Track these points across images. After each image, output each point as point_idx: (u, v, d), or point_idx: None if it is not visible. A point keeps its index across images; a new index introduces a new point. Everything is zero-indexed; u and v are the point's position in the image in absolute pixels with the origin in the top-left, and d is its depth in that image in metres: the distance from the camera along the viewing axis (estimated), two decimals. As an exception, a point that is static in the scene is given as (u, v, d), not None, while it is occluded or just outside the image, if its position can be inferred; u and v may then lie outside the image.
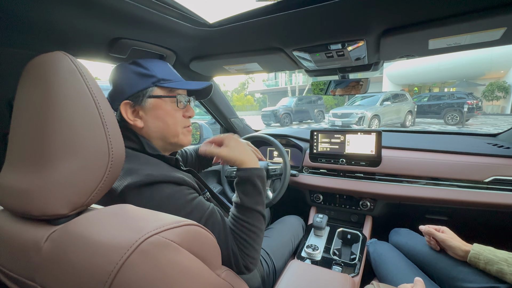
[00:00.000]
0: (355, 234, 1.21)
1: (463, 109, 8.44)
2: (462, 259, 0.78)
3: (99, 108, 0.39)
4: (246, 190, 0.62)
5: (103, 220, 0.35)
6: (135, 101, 0.61)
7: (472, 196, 1.06)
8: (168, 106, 0.64)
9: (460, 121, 8.71)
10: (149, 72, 0.62)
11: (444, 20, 0.61)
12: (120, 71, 0.64)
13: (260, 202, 0.63)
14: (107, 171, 0.39)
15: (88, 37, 0.67)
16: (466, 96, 8.83)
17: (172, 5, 0.63)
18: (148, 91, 0.61)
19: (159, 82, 0.62)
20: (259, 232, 0.61)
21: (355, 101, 9.26)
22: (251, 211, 0.61)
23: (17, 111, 0.40)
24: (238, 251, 0.57)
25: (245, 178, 0.63)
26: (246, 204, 0.61)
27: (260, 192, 0.63)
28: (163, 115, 0.63)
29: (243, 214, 0.60)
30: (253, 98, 28.99)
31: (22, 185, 0.37)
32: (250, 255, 0.58)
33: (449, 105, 9.07)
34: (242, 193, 0.62)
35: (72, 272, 0.31)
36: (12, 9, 0.50)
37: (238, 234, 0.58)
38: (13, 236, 0.39)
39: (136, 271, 0.29)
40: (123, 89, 0.62)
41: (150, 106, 0.62)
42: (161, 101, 0.63)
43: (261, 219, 0.62)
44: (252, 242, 0.58)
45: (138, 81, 0.61)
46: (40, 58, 0.39)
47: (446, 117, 9.06)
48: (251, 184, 0.63)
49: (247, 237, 0.58)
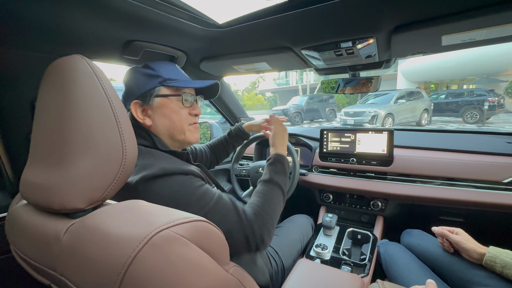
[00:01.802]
0: (366, 234, 1.19)
1: (484, 106, 8.06)
2: (477, 262, 0.75)
3: (113, 108, 0.41)
4: (277, 169, 0.74)
5: (117, 214, 0.37)
6: (144, 100, 0.65)
7: (489, 197, 1.02)
8: (174, 104, 0.67)
9: (480, 120, 8.32)
10: (156, 73, 0.66)
11: (457, 15, 0.59)
12: (131, 73, 0.69)
13: (285, 182, 0.74)
14: (121, 168, 0.41)
15: (103, 40, 0.71)
16: (487, 93, 8.42)
17: (182, 7, 0.65)
18: (155, 90, 0.65)
19: (165, 82, 0.66)
20: (278, 207, 0.68)
21: (368, 99, 9.05)
22: (277, 186, 0.70)
23: (38, 112, 0.43)
24: (255, 219, 0.60)
25: (278, 159, 0.77)
26: (275, 179, 0.71)
27: (286, 174, 0.76)
28: (169, 113, 0.67)
29: (270, 187, 0.69)
30: (263, 97, 28.92)
31: (43, 181, 0.40)
32: (266, 225, 0.62)
33: (468, 102, 8.67)
34: (273, 170, 0.74)
35: (89, 262, 0.33)
36: (36, 17, 0.53)
37: (260, 203, 0.65)
38: (36, 228, 0.42)
39: (147, 263, 0.30)
40: (132, 89, 0.66)
41: (157, 105, 0.66)
42: (167, 99, 0.66)
43: (282, 197, 0.71)
44: (271, 212, 0.65)
45: (146, 81, 0.65)
46: (59, 61, 0.41)
47: (465, 115, 8.67)
48: (281, 165, 0.76)
49: (268, 207, 0.65)
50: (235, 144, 1.12)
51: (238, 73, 1.19)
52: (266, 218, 0.62)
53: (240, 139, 1.11)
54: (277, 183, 0.71)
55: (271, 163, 0.76)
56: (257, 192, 0.69)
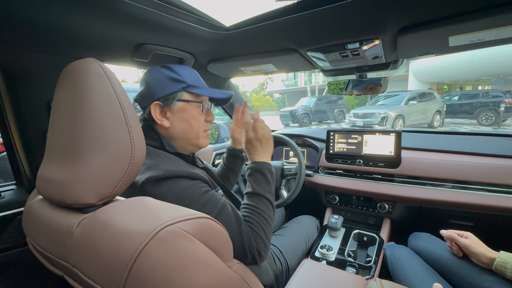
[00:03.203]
0: (372, 236, 1.18)
1: (500, 108, 7.78)
2: (487, 266, 0.74)
3: (123, 109, 0.43)
4: (256, 179, 0.70)
5: (126, 210, 0.39)
6: (165, 102, 0.66)
7: (502, 201, 0.99)
8: (194, 110, 0.69)
9: (495, 122, 8.03)
10: (180, 78, 0.67)
11: (464, 16, 0.58)
12: (154, 73, 0.69)
13: (269, 191, 0.70)
14: (130, 165, 0.42)
15: (115, 44, 0.73)
16: (503, 95, 8.12)
17: (191, 11, 0.67)
18: (178, 95, 0.67)
19: (189, 88, 0.68)
20: (269, 218, 0.66)
21: (378, 100, 8.90)
22: (261, 197, 0.68)
23: (54, 112, 0.46)
24: (251, 234, 0.60)
25: (255, 169, 0.71)
26: (257, 191, 0.68)
27: (269, 182, 0.71)
28: (189, 118, 0.68)
29: (254, 201, 0.67)
30: (271, 98, 28.91)
31: (58, 177, 0.42)
32: (261, 238, 0.62)
33: (483, 104, 8.38)
34: (253, 182, 0.70)
35: (99, 254, 0.35)
36: (52, 22, 0.56)
37: (250, 217, 0.64)
38: (50, 222, 0.45)
39: (153, 256, 0.32)
40: (154, 90, 0.67)
41: (178, 109, 0.67)
42: (188, 105, 0.68)
43: (269, 206, 0.68)
44: (263, 226, 0.64)
45: (169, 84, 0.67)
46: (73, 64, 0.44)
47: (479, 117, 8.39)
48: (261, 174, 0.71)
49: (259, 220, 0.64)
50: (233, 168, 1.00)
51: (244, 75, 1.21)
52: (261, 233, 0.62)
53: (236, 159, 0.99)
54: (261, 194, 0.68)
55: (249, 174, 0.72)
56: (247, 205, 0.67)
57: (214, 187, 0.73)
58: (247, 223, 0.62)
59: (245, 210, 0.66)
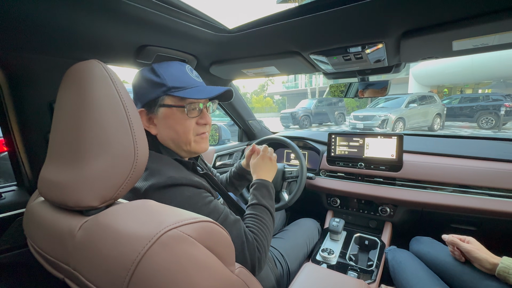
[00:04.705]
0: (373, 240, 1.17)
1: (500, 111, 7.78)
2: (490, 272, 0.73)
3: (126, 111, 0.43)
4: (262, 193, 0.76)
5: (128, 213, 0.39)
6: (149, 109, 0.64)
7: (504, 205, 0.99)
8: (178, 115, 0.63)
9: (496, 125, 8.03)
10: (160, 81, 0.62)
11: (469, 20, 0.58)
12: (136, 78, 0.66)
13: (272, 206, 0.77)
14: (133, 168, 0.42)
15: (118, 45, 0.73)
16: (503, 98, 8.13)
17: (194, 13, 0.67)
18: (159, 100, 0.62)
19: (170, 91, 0.61)
20: (271, 230, 0.71)
21: (378, 103, 8.91)
22: (266, 210, 0.72)
23: (57, 113, 0.45)
24: (253, 242, 0.61)
25: (262, 184, 0.79)
26: (263, 203, 0.73)
27: (272, 198, 0.78)
28: (173, 124, 0.64)
29: (259, 211, 0.71)
30: (272, 100, 28.93)
31: (60, 179, 0.42)
32: (263, 245, 0.63)
33: (483, 107, 8.39)
34: (259, 195, 0.75)
35: (100, 258, 0.35)
36: (55, 24, 0.56)
37: (254, 226, 0.66)
38: (52, 224, 0.44)
39: (156, 260, 0.31)
40: (138, 97, 0.65)
41: (161, 115, 0.63)
42: (170, 110, 0.63)
43: (271, 219, 0.73)
44: (266, 234, 0.67)
45: (150, 90, 0.62)
46: (77, 66, 0.44)
47: (479, 121, 8.39)
48: (266, 189, 0.78)
49: (262, 228, 0.67)
50: (237, 185, 1.01)
51: (247, 77, 1.21)
52: (264, 243, 0.64)
53: (243, 179, 1.00)
54: (266, 206, 0.72)
55: (255, 188, 0.77)
56: (252, 215, 0.69)
57: (215, 195, 0.73)
58: (252, 234, 0.63)
59: (250, 219, 0.68)
